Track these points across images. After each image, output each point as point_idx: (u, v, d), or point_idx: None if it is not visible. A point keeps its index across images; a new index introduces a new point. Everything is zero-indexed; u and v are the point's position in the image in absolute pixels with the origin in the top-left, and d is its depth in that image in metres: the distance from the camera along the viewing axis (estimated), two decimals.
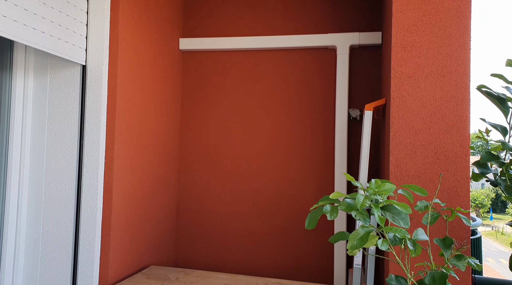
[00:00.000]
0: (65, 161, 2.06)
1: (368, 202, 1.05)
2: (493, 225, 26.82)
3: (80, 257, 2.01)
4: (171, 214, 2.76)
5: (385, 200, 1.09)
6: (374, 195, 1.07)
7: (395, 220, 1.06)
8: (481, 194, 31.19)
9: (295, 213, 2.67)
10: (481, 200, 30.41)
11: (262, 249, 2.71)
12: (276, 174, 2.72)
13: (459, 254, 1.17)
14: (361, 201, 1.04)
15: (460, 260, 1.15)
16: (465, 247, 1.18)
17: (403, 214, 1.06)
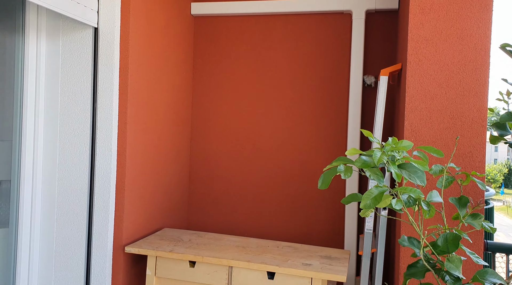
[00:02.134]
0: (78, 124, 2.07)
1: (385, 158, 1.04)
2: (504, 199, 26.74)
3: (95, 218, 2.05)
4: (183, 180, 2.79)
5: (401, 158, 1.07)
6: (391, 151, 1.06)
7: (411, 177, 1.05)
8: (493, 169, 30.94)
9: (306, 179, 2.68)
10: (493, 175, 30.19)
11: (273, 214, 2.73)
12: (288, 141, 2.71)
13: (474, 213, 1.16)
14: (378, 156, 1.03)
15: (476, 219, 1.14)
16: (481, 205, 1.17)
17: (419, 172, 1.05)
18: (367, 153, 1.12)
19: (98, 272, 2.04)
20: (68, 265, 2.06)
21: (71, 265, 2.06)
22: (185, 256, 1.97)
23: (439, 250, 1.29)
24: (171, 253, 1.99)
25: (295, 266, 1.88)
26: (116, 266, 2.07)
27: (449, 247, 1.26)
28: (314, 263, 1.93)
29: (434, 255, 1.31)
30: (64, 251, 2.07)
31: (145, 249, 2.02)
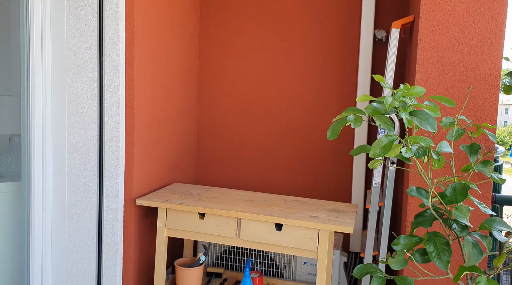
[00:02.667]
0: (86, 79, 2.06)
1: (396, 103, 1.02)
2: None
3: (105, 172, 2.08)
4: (191, 136, 2.80)
5: (413, 104, 1.06)
6: (403, 97, 1.05)
7: (422, 124, 1.04)
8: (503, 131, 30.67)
9: (314, 135, 2.68)
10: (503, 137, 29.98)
11: (281, 170, 2.75)
12: (296, 97, 2.69)
13: (485, 160, 1.16)
14: (389, 102, 1.02)
15: (487, 165, 1.14)
16: (493, 152, 1.16)
17: (430, 119, 1.04)
18: (378, 100, 1.11)
19: (110, 224, 2.09)
20: (80, 217, 2.11)
21: (83, 217, 2.11)
22: (195, 208, 2.00)
23: (447, 200, 1.29)
24: (181, 206, 2.02)
25: (303, 218, 1.91)
26: (127, 218, 2.11)
27: (458, 197, 1.27)
28: (322, 216, 1.95)
29: (442, 204, 1.31)
30: (76, 203, 2.12)
31: (155, 202, 2.06)
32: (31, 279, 2.11)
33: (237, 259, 2.41)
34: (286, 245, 1.92)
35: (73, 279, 2.14)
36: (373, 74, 1.36)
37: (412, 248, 1.31)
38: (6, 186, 2.09)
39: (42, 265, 2.14)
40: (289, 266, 2.32)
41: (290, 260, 2.32)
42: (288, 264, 2.32)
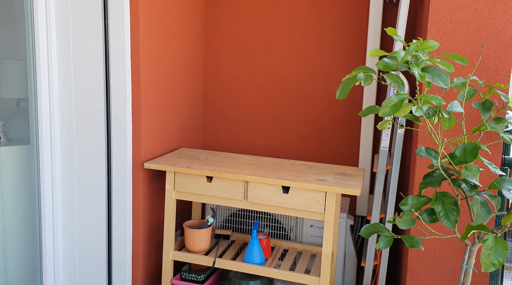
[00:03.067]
0: (91, 41, 2.03)
1: (409, 57, 1.00)
2: None
3: (113, 136, 2.08)
4: (198, 101, 2.78)
5: (426, 59, 1.03)
6: (415, 51, 1.02)
7: (434, 80, 1.02)
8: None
9: (322, 99, 2.65)
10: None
11: (288, 136, 2.74)
12: (304, 61, 2.64)
13: (498, 117, 1.14)
14: (402, 56, 0.99)
15: (499, 122, 1.12)
16: (506, 108, 1.14)
17: (443, 75, 1.01)
18: (390, 55, 1.08)
19: (119, 187, 2.11)
20: (89, 180, 2.14)
21: (93, 180, 2.13)
22: (202, 172, 2.01)
23: (457, 160, 1.28)
24: (188, 169, 2.03)
25: (310, 181, 1.91)
26: (136, 182, 2.13)
27: (467, 157, 1.26)
28: (329, 179, 1.96)
29: (451, 165, 1.30)
30: (85, 167, 2.13)
31: (163, 165, 2.07)
32: (42, 242, 2.16)
33: (244, 222, 2.44)
34: (293, 208, 1.94)
35: (84, 241, 2.18)
36: (386, 28, 1.32)
37: (419, 208, 1.31)
38: (15, 149, 2.11)
39: (53, 227, 2.19)
40: (295, 229, 2.35)
41: (296, 222, 2.34)
42: (295, 226, 2.35)
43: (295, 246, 2.31)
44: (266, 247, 2.15)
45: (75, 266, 2.21)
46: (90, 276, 2.19)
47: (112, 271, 2.18)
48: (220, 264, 2.06)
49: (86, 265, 2.19)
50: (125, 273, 2.15)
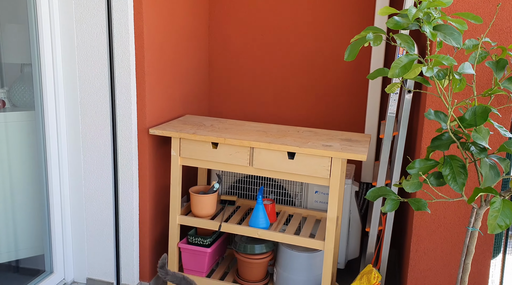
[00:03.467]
0: (93, 4, 1.99)
1: (420, 14, 0.96)
2: None
3: (118, 101, 2.07)
4: (203, 67, 2.74)
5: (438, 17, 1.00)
6: (427, 8, 0.99)
7: (446, 39, 0.99)
8: None
9: (328, 66, 2.61)
10: None
11: (294, 103, 2.72)
12: (311, 24, 2.59)
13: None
14: (413, 13, 0.96)
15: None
16: None
17: (456, 34, 0.98)
18: (401, 12, 1.05)
19: (125, 153, 2.11)
20: (95, 146, 2.14)
21: (98, 146, 2.13)
22: (208, 138, 2.01)
23: (466, 124, 1.26)
24: (194, 135, 2.02)
25: (315, 146, 1.90)
26: (141, 148, 2.13)
27: (477, 120, 1.24)
28: (334, 145, 1.95)
29: (460, 128, 1.29)
30: (90, 132, 2.13)
31: (168, 131, 2.06)
32: (50, 207, 2.19)
33: (249, 188, 2.45)
34: (299, 173, 1.94)
35: (91, 206, 2.21)
36: None
37: (427, 171, 1.30)
38: (20, 115, 2.10)
39: (60, 192, 2.21)
40: (300, 195, 2.36)
41: (301, 189, 2.35)
42: (300, 192, 2.36)
43: (300, 212, 2.32)
44: (271, 212, 2.17)
45: (83, 230, 2.24)
46: (98, 240, 2.23)
47: (120, 235, 2.21)
48: (226, 228, 2.08)
49: (93, 230, 2.23)
50: (132, 237, 2.19)
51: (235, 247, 2.16)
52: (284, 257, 2.09)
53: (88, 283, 2.30)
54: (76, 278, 2.32)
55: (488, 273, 1.84)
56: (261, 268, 2.16)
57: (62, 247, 2.25)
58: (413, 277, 1.94)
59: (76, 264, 2.30)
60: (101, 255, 2.24)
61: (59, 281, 2.26)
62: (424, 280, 1.92)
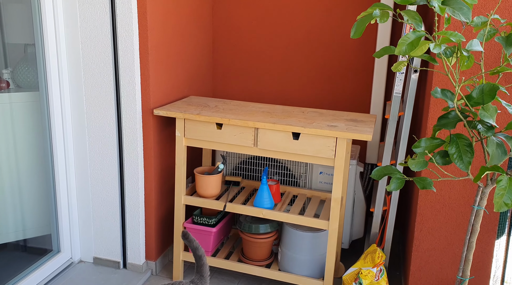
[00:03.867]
0: None
1: None
2: None
3: (122, 82, 2.06)
4: (206, 47, 2.72)
5: None
6: None
7: (455, 14, 0.97)
8: None
9: (335, 48, 2.58)
10: None
11: (299, 83, 2.70)
12: (316, 8, 2.55)
13: None
14: None
15: None
16: None
17: (465, 9, 0.96)
18: None
19: (130, 133, 2.11)
20: (100, 126, 2.14)
21: (103, 126, 2.13)
22: (212, 119, 2.00)
23: (474, 102, 1.25)
24: (198, 116, 2.02)
25: (320, 127, 1.90)
26: (146, 128, 2.13)
27: (485, 98, 1.22)
28: (340, 125, 1.94)
29: (467, 107, 1.27)
30: (94, 113, 2.13)
31: (173, 112, 2.06)
32: (56, 188, 2.21)
33: (254, 169, 2.46)
34: (303, 154, 1.93)
35: (96, 186, 2.22)
36: None
37: (433, 150, 1.29)
38: (24, 96, 2.10)
39: (66, 173, 2.22)
40: (305, 176, 2.36)
41: (306, 170, 2.36)
42: (304, 173, 2.36)
43: (304, 192, 2.33)
44: (276, 193, 2.17)
45: (89, 210, 2.26)
46: (104, 220, 2.25)
47: (126, 215, 2.23)
48: (230, 208, 2.09)
49: (99, 210, 2.25)
50: (138, 217, 2.20)
51: (240, 227, 2.18)
52: (288, 236, 2.11)
53: (94, 262, 2.33)
54: (83, 257, 2.35)
55: (493, 252, 1.85)
56: (266, 248, 2.18)
57: (69, 227, 2.28)
58: (417, 256, 1.95)
59: (82, 244, 2.33)
60: (107, 235, 2.27)
61: (66, 260, 2.29)
62: (428, 259, 1.93)
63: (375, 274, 1.92)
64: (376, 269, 1.93)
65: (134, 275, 2.24)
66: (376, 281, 1.91)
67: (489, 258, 1.85)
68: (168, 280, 2.25)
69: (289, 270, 2.12)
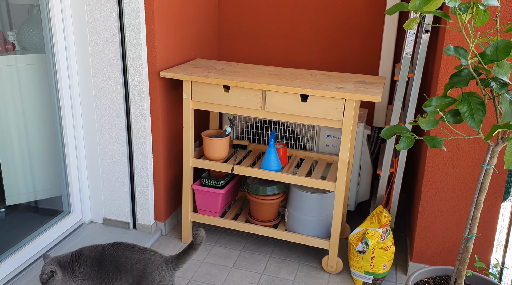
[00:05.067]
0: None
1: None
2: None
3: (128, 43, 2.04)
4: (212, 9, 2.67)
5: None
6: None
7: None
8: None
9: (344, 10, 2.52)
10: None
11: (307, 47, 2.66)
12: None
13: None
14: None
15: None
16: None
17: None
18: None
19: (137, 97, 2.11)
20: (107, 89, 2.13)
21: (110, 89, 2.13)
22: (220, 81, 1.99)
23: (487, 59, 1.23)
24: (205, 78, 2.00)
25: (329, 88, 1.88)
26: (153, 91, 2.13)
27: (499, 55, 1.20)
28: (348, 87, 1.92)
29: (480, 64, 1.25)
30: (101, 75, 2.12)
31: (180, 74, 2.04)
32: (65, 150, 2.22)
33: (261, 133, 2.46)
34: (311, 116, 1.93)
35: (105, 149, 2.24)
36: None
37: (444, 109, 1.28)
38: (31, 58, 2.09)
39: (75, 135, 2.23)
40: (312, 139, 2.37)
41: (313, 133, 2.35)
42: (311, 137, 2.37)
43: (311, 155, 2.34)
44: (283, 156, 2.18)
45: (98, 172, 2.29)
46: (114, 182, 2.28)
47: (134, 177, 2.25)
48: (238, 170, 2.11)
49: (108, 172, 2.27)
50: (146, 179, 2.23)
51: (247, 189, 2.20)
52: (295, 198, 2.13)
53: (105, 223, 2.38)
54: (93, 218, 2.40)
55: (499, 213, 1.86)
56: (273, 209, 2.22)
57: (79, 189, 2.31)
58: (423, 217, 1.97)
59: (93, 205, 2.37)
60: (117, 197, 2.30)
61: (77, 220, 2.34)
62: (434, 220, 1.96)
63: (381, 235, 1.95)
64: (382, 230, 1.96)
65: (144, 235, 2.29)
66: (382, 241, 1.94)
67: (495, 219, 1.87)
68: (177, 240, 2.31)
69: (295, 230, 2.16)
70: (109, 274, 1.62)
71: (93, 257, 1.64)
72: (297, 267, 2.15)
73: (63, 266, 1.64)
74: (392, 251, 1.97)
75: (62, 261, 1.65)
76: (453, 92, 1.73)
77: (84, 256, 1.65)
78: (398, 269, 2.16)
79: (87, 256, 1.65)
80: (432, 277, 1.63)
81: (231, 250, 2.25)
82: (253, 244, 2.31)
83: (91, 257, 1.64)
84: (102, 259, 1.63)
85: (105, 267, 1.62)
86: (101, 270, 1.63)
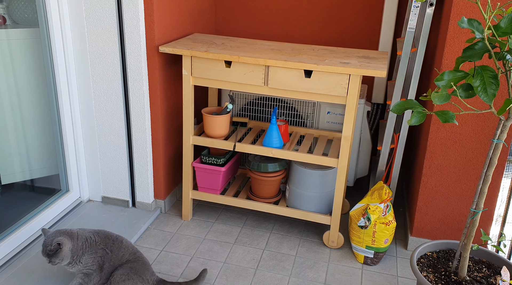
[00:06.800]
0: None
1: None
2: None
3: (125, 17, 1.97)
4: None
5: None
6: None
7: None
8: None
9: None
10: None
11: (307, 23, 2.61)
12: None
13: None
14: None
15: None
16: None
17: None
18: None
19: (135, 72, 2.06)
20: (104, 65, 2.07)
21: (107, 65, 2.07)
22: (221, 56, 1.94)
23: (501, 32, 1.22)
24: (206, 53, 1.96)
25: (334, 64, 1.86)
26: (151, 66, 2.07)
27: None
28: (352, 62, 1.90)
29: (494, 37, 1.24)
30: (98, 50, 2.06)
31: (179, 49, 1.99)
32: (62, 128, 2.17)
33: (261, 110, 2.43)
34: (315, 92, 1.91)
35: (103, 126, 2.19)
36: None
37: (457, 83, 1.27)
38: (23, 32, 2.01)
39: (71, 113, 2.18)
40: (312, 116, 2.35)
41: (313, 110, 2.34)
42: (312, 114, 2.35)
43: (311, 132, 2.33)
44: (285, 133, 2.17)
45: (95, 150, 2.25)
46: (112, 160, 2.25)
47: (133, 155, 2.22)
48: (240, 148, 2.09)
49: (106, 149, 2.23)
50: (145, 157, 2.20)
51: (248, 166, 2.19)
52: (297, 174, 2.13)
53: (103, 201, 2.35)
54: (91, 197, 2.37)
55: (499, 187, 1.89)
56: (274, 186, 2.21)
57: (76, 167, 2.27)
58: (424, 192, 1.99)
59: (91, 183, 2.33)
60: (115, 175, 2.27)
61: (75, 199, 2.31)
62: (435, 195, 1.98)
63: (383, 210, 1.97)
64: (383, 205, 1.98)
65: (144, 213, 2.27)
66: (384, 216, 1.96)
67: (496, 193, 1.90)
68: (177, 218, 2.30)
69: (297, 206, 2.16)
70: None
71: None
72: (298, 242, 2.16)
73: (80, 237, 1.64)
74: (393, 225, 1.99)
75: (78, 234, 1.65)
76: (464, 65, 1.71)
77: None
78: (398, 243, 2.19)
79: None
80: (436, 251, 1.65)
81: (232, 227, 2.25)
82: (253, 220, 2.32)
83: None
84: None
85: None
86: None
